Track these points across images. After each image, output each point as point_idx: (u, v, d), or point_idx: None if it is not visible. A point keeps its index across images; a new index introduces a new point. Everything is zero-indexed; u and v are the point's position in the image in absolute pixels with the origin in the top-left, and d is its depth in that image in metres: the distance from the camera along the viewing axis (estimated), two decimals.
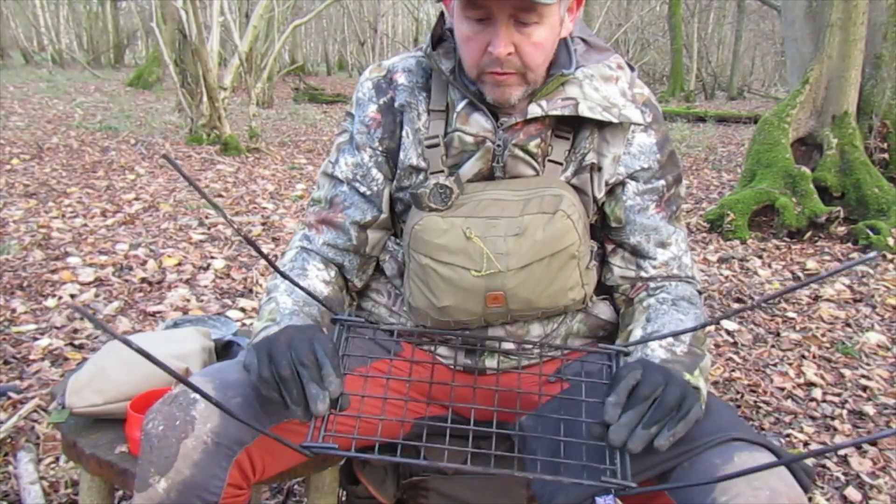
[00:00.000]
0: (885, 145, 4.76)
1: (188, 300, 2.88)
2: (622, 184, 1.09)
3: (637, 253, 1.10)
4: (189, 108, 7.00)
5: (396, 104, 1.10)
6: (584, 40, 1.09)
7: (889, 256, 3.84)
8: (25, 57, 19.70)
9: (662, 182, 1.09)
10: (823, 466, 1.94)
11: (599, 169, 1.07)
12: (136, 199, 4.60)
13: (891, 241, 3.94)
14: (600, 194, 1.09)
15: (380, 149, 1.11)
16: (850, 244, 4.09)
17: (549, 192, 1.02)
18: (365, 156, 1.12)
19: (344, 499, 1.39)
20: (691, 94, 16.05)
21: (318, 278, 1.10)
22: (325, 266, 1.12)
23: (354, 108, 1.14)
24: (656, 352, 0.98)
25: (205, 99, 6.77)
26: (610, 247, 1.13)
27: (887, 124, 4.74)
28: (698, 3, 18.17)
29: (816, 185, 4.41)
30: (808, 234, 4.20)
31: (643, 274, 1.10)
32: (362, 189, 1.12)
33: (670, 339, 0.99)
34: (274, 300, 1.04)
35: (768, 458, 0.86)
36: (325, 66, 25.53)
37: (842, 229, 4.25)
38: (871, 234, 4.01)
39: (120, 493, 1.65)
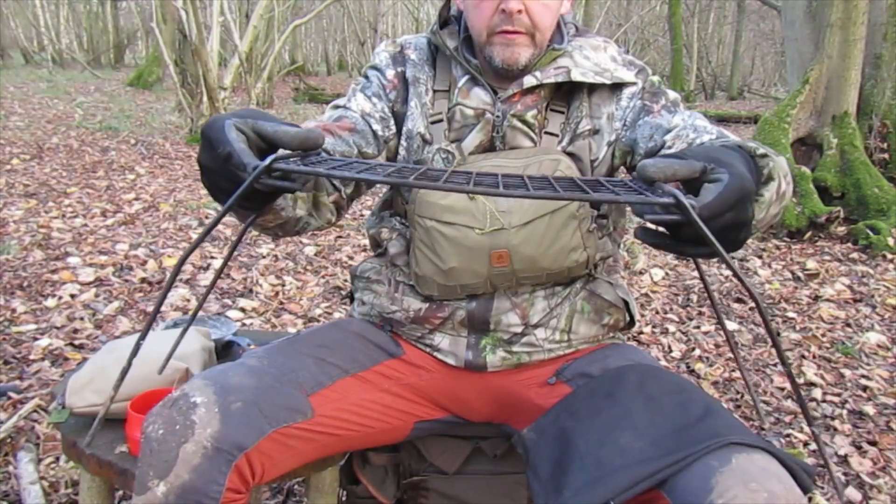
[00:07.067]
0: (885, 145, 4.76)
1: (188, 300, 2.88)
2: (632, 150, 1.11)
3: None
4: (189, 108, 7.00)
5: (408, 75, 1.17)
6: (575, 27, 1.19)
7: (889, 256, 3.85)
8: (25, 57, 19.67)
9: (642, 101, 1.12)
10: (823, 466, 1.94)
11: (597, 132, 1.13)
12: (136, 199, 4.60)
13: (891, 241, 3.94)
14: (601, 154, 1.13)
15: (394, 108, 1.16)
16: (850, 244, 4.08)
17: (547, 157, 1.08)
18: (382, 104, 1.16)
19: (344, 499, 1.39)
20: (691, 94, 16.05)
21: None
22: None
23: (372, 70, 1.19)
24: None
25: (205, 99, 6.77)
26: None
27: (887, 124, 4.74)
28: (698, 3, 18.17)
29: (816, 185, 4.41)
30: (808, 234, 4.20)
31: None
32: (374, 126, 1.13)
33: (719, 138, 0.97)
34: None
35: (766, 459, 0.86)
36: (326, 67, 25.50)
37: (842, 229, 4.25)
38: (871, 234, 4.01)
39: (120, 493, 1.65)
